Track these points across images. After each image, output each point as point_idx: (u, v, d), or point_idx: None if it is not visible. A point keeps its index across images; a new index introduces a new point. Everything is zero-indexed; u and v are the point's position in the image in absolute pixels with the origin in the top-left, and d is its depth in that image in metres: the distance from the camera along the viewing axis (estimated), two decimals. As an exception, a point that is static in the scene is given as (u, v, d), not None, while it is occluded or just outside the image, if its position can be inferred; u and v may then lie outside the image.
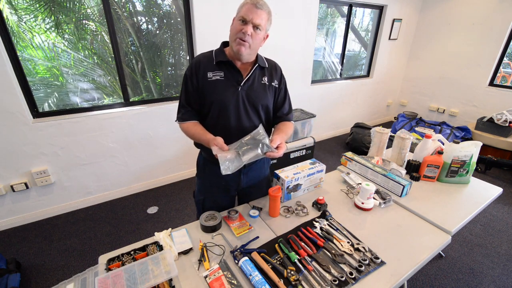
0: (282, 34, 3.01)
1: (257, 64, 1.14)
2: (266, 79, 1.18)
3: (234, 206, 1.41)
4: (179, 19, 2.58)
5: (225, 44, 1.17)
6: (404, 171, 1.54)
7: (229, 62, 1.11)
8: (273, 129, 1.28)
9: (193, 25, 2.46)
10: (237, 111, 1.12)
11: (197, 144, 1.25)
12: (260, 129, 1.05)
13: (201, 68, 1.11)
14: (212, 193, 1.32)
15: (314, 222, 1.19)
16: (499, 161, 3.08)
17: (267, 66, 1.20)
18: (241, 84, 1.12)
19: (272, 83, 1.20)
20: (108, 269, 0.92)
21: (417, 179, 1.54)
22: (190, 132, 1.16)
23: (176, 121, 1.20)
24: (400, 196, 1.38)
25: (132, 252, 1.01)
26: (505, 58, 3.70)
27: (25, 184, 2.12)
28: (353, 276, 0.93)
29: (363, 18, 4.23)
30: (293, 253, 1.00)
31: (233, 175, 1.15)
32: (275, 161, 2.70)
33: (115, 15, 2.24)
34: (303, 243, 1.06)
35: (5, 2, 1.86)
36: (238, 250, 1.02)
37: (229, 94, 1.10)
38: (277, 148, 1.05)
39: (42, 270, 1.81)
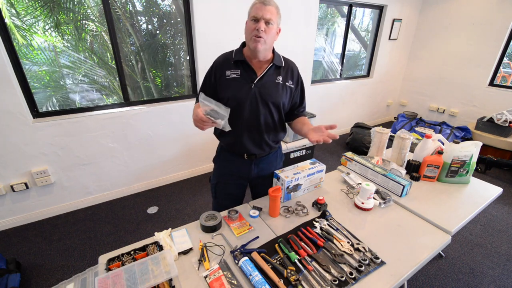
0: (282, 34, 2.98)
1: (272, 63, 1.20)
2: (280, 78, 1.23)
3: (245, 195, 1.49)
4: (179, 19, 2.58)
5: (244, 44, 1.24)
6: (404, 171, 1.53)
7: (245, 61, 1.19)
8: (291, 123, 1.37)
9: (193, 25, 2.46)
10: (250, 106, 1.21)
11: (216, 134, 1.36)
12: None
13: (220, 67, 1.21)
14: (224, 178, 1.42)
15: (314, 222, 1.19)
16: (499, 161, 3.08)
17: (283, 65, 1.25)
18: (255, 82, 1.19)
19: (287, 83, 1.25)
20: (108, 269, 0.92)
21: (417, 179, 1.54)
22: (194, 110, 1.26)
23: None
24: (400, 196, 1.38)
25: (132, 252, 1.01)
26: (505, 58, 3.70)
27: (25, 184, 2.12)
28: (353, 276, 0.93)
29: (363, 18, 4.22)
30: (293, 253, 1.00)
31: (244, 164, 1.32)
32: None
33: (115, 15, 2.23)
34: (303, 243, 1.06)
35: (5, 2, 1.86)
36: (238, 250, 1.02)
37: (243, 91, 1.19)
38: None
39: (42, 270, 1.81)
